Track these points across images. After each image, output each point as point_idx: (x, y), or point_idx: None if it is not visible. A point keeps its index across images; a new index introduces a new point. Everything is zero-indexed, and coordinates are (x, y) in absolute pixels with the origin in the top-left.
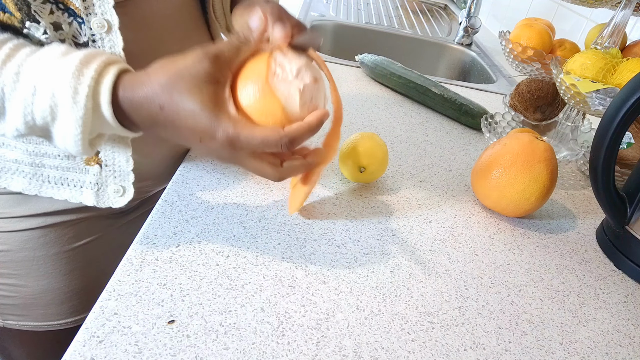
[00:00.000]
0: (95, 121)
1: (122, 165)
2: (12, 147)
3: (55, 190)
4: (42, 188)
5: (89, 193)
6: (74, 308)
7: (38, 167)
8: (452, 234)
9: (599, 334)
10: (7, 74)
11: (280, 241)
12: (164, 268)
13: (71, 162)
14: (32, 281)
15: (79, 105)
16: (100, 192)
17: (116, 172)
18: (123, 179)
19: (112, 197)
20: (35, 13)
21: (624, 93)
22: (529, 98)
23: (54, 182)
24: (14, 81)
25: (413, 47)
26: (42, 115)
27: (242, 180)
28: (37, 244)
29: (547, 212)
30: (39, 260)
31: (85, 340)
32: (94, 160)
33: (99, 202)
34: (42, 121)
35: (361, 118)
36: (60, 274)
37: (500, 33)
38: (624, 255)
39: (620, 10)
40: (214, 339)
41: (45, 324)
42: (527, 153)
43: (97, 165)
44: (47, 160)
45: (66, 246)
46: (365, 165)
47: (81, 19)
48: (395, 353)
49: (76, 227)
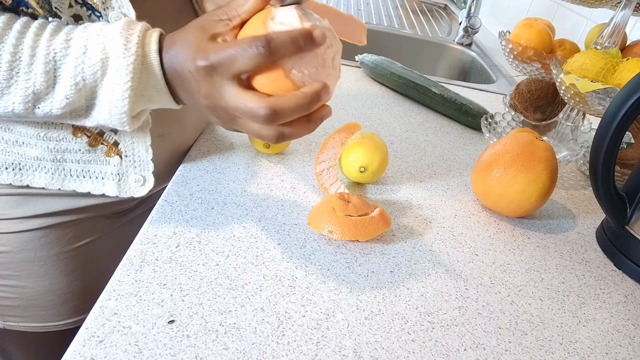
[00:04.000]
0: (143, 73)
1: (142, 155)
2: (33, 145)
3: (78, 183)
4: (64, 182)
5: (110, 184)
6: (74, 309)
7: (60, 162)
8: (452, 234)
9: (599, 334)
10: (57, 42)
11: (280, 241)
12: (164, 268)
13: (92, 155)
14: (33, 282)
15: (130, 51)
16: (121, 182)
17: (136, 162)
18: (143, 169)
19: (133, 186)
20: (56, 9)
21: (624, 93)
22: (529, 98)
23: (75, 175)
24: (65, 47)
25: (413, 47)
26: (92, 70)
27: (242, 180)
28: (38, 244)
29: (547, 212)
30: (40, 261)
31: (85, 340)
32: (114, 151)
33: (121, 192)
34: (92, 78)
35: (361, 118)
36: (61, 275)
37: (500, 33)
38: (624, 255)
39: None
40: (214, 339)
41: (46, 325)
42: (527, 153)
43: (117, 157)
44: (68, 155)
45: (66, 247)
46: (365, 165)
47: (99, 12)
48: (395, 353)
49: (76, 228)
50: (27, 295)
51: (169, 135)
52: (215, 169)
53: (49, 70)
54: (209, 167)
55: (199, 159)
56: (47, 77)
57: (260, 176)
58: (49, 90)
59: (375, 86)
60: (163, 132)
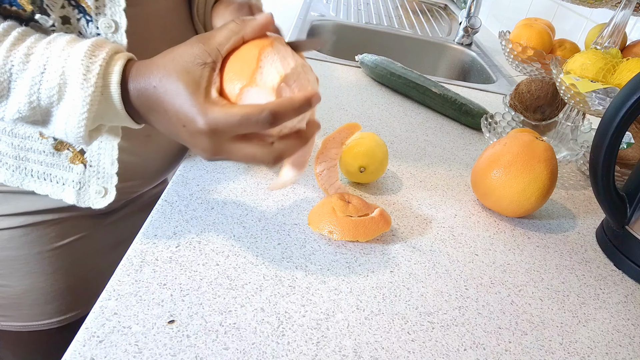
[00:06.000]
0: (102, 103)
1: (107, 167)
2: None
3: (38, 184)
4: (24, 181)
5: (70, 191)
6: (59, 308)
7: (22, 160)
8: (452, 234)
9: (599, 334)
10: (17, 55)
11: (280, 241)
12: (164, 268)
13: (55, 159)
14: (16, 281)
15: (90, 82)
16: (81, 191)
17: (100, 173)
18: (106, 181)
19: (93, 197)
20: (47, 7)
21: (624, 93)
22: (529, 98)
23: (36, 176)
24: (23, 62)
25: (413, 47)
26: (48, 94)
27: (242, 180)
28: (19, 243)
29: (547, 212)
30: (22, 259)
31: (85, 340)
32: (78, 159)
33: (79, 201)
34: (47, 101)
35: (361, 118)
36: (44, 274)
37: (500, 33)
38: (624, 255)
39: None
40: (214, 339)
41: (30, 324)
42: (527, 153)
43: (82, 165)
44: (32, 155)
45: (49, 245)
46: (365, 165)
47: (90, 17)
48: (395, 353)
49: (59, 227)
50: (9, 294)
51: (156, 136)
52: (215, 169)
53: (3, 81)
54: (209, 167)
55: (199, 159)
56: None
57: (260, 176)
58: (2, 100)
59: (375, 86)
60: (150, 132)
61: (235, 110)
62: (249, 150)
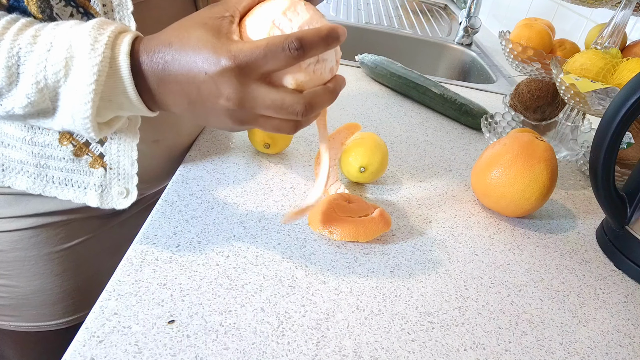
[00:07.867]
0: (110, 78)
1: (127, 169)
2: (17, 148)
3: (60, 190)
4: (46, 188)
5: (92, 194)
6: (66, 309)
7: (43, 168)
8: (452, 234)
9: (599, 334)
10: (24, 38)
11: (280, 241)
12: (164, 268)
13: (75, 165)
14: (24, 282)
15: (97, 52)
16: (104, 193)
17: (120, 175)
18: (127, 182)
19: (115, 198)
20: (57, 15)
21: (624, 93)
22: (529, 98)
23: (58, 182)
24: (31, 43)
25: (413, 47)
26: (54, 70)
27: (242, 180)
28: (28, 244)
29: (547, 212)
30: (31, 260)
31: (85, 340)
32: (98, 163)
33: (102, 203)
34: (54, 78)
35: (361, 118)
36: (52, 275)
37: (500, 33)
38: (624, 255)
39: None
40: (214, 339)
41: (37, 325)
42: (527, 153)
43: (102, 168)
44: (52, 162)
45: (57, 246)
46: (365, 165)
47: None
48: (395, 353)
49: (67, 228)
50: (18, 295)
51: (164, 141)
52: (215, 169)
53: (11, 65)
54: (209, 167)
55: (199, 159)
56: (9, 73)
57: (260, 176)
58: (11, 88)
59: (375, 86)
60: (158, 138)
61: (260, 42)
62: (277, 96)
